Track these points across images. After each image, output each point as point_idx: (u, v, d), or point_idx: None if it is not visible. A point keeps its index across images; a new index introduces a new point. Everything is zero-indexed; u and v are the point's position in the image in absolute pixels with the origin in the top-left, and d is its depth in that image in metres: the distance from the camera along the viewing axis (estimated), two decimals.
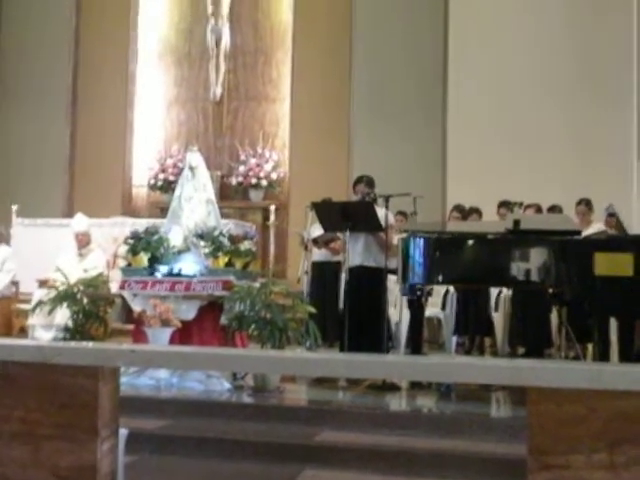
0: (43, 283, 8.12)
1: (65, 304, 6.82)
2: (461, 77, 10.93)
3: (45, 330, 7.96)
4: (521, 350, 8.26)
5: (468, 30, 10.97)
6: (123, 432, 3.88)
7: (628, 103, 10.50)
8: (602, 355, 5.68)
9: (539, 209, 8.20)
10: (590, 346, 7.28)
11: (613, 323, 5.87)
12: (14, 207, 10.20)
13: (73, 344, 4.80)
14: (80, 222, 8.64)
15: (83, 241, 8.54)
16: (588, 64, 10.60)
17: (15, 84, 12.56)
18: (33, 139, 12.39)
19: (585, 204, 8.27)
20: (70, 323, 6.78)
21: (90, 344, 4.62)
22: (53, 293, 6.90)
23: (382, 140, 11.25)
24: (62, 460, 3.35)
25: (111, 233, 9.21)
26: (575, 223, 6.95)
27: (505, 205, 8.14)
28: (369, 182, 7.17)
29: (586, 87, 10.58)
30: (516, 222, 5.98)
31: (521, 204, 7.17)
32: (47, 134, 12.42)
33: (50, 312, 7.02)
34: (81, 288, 6.86)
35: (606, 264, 5.50)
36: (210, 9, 12.54)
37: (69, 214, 10.60)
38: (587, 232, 7.18)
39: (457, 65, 11.01)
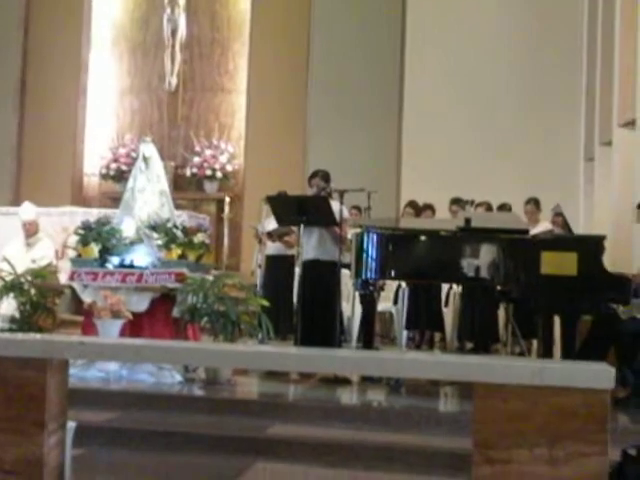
0: None
1: (12, 294, 6.73)
2: (417, 74, 11.05)
3: None
4: (469, 345, 8.39)
5: (425, 26, 11.08)
6: (71, 425, 3.87)
7: (576, 104, 10.71)
8: (546, 352, 5.81)
9: (489, 207, 8.32)
10: (535, 342, 7.44)
11: (557, 321, 5.99)
12: None
13: (20, 336, 4.76)
14: (28, 211, 8.50)
15: (31, 230, 8.40)
16: (538, 64, 10.78)
17: None
18: None
19: (534, 203, 8.42)
20: (17, 314, 6.70)
21: (38, 336, 4.58)
22: None
23: (338, 135, 11.30)
24: (8, 453, 3.33)
25: (60, 222, 9.09)
26: (524, 222, 7.08)
27: (457, 202, 8.25)
28: (324, 176, 7.20)
29: (535, 88, 10.77)
30: (467, 220, 6.07)
31: (472, 202, 7.28)
32: None
33: None
34: (29, 278, 6.77)
35: (552, 263, 5.62)
36: None
37: (16, 203, 10.43)
38: (535, 231, 7.30)
39: (413, 62, 11.12)
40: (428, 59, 10.99)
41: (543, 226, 7.96)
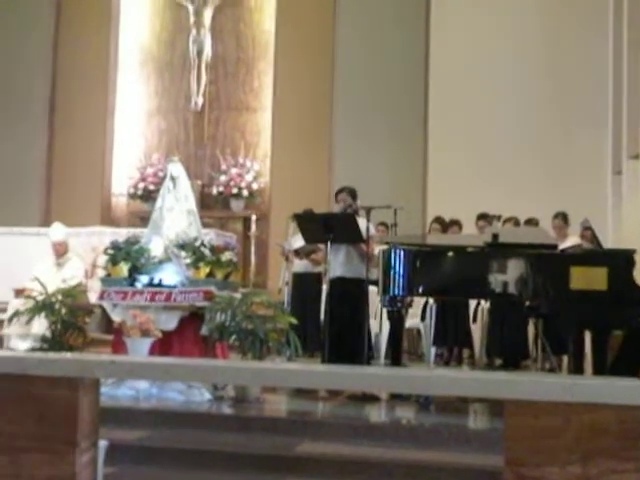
0: (20, 292, 8.06)
1: (43, 314, 6.79)
2: (443, 90, 11.05)
3: (21, 340, 7.90)
4: (498, 361, 8.33)
5: (449, 44, 11.09)
6: (103, 444, 3.89)
7: (603, 119, 10.65)
8: (577, 367, 5.74)
9: (517, 222, 8.28)
10: (565, 358, 7.36)
11: (588, 336, 5.93)
12: None
13: (52, 355, 4.80)
14: (57, 231, 8.59)
15: (60, 250, 8.49)
16: (564, 80, 10.75)
17: None
18: (10, 148, 12.33)
19: (561, 218, 8.36)
20: (48, 333, 6.75)
21: (69, 355, 4.62)
22: (30, 303, 6.87)
23: (363, 151, 11.32)
24: (40, 472, 3.35)
25: (89, 242, 9.17)
26: (552, 237, 7.03)
27: (484, 218, 8.22)
28: (351, 192, 7.22)
29: (562, 103, 10.73)
30: (495, 235, 6.05)
31: (499, 217, 7.25)
32: (25, 143, 12.37)
33: (28, 322, 6.99)
34: (59, 298, 6.83)
35: (581, 278, 5.57)
36: (192, 19, 12.59)
37: (46, 223, 10.55)
38: (563, 246, 7.25)
39: (438, 78, 11.13)
40: (454, 75, 10.99)
41: (572, 241, 7.90)
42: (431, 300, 8.24)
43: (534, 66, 10.87)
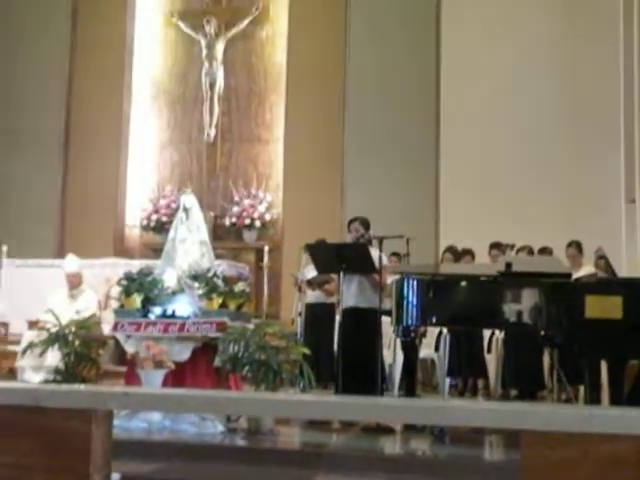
0: (33, 324, 8.09)
1: (56, 345, 6.80)
2: (453, 121, 11.09)
3: (35, 372, 7.90)
4: (514, 392, 8.26)
5: (461, 79, 11.14)
6: (115, 477, 3.87)
7: (615, 147, 10.64)
8: (593, 398, 5.68)
9: (531, 251, 8.25)
10: (582, 388, 7.29)
11: (604, 366, 5.88)
12: (4, 248, 10.16)
13: (64, 387, 4.79)
14: (71, 263, 8.63)
15: (74, 282, 8.53)
16: (576, 109, 10.77)
17: (7, 125, 12.63)
18: (25, 180, 12.43)
19: (575, 246, 8.33)
20: (61, 365, 6.75)
21: (82, 387, 4.61)
22: (44, 334, 6.87)
23: (375, 182, 11.34)
24: None
25: (103, 274, 9.20)
26: (566, 266, 7.00)
27: (497, 247, 8.20)
28: (364, 222, 7.23)
29: (575, 132, 10.76)
30: (508, 264, 6.01)
31: (513, 246, 7.22)
32: (39, 175, 12.47)
33: (41, 354, 6.99)
34: (73, 329, 6.84)
35: (596, 307, 5.53)
36: (204, 53, 12.71)
37: (61, 255, 10.60)
38: (578, 274, 7.22)
39: (449, 108, 11.16)
40: (466, 106, 11.03)
41: (586, 269, 7.87)
42: (445, 330, 8.20)
43: (546, 94, 10.90)
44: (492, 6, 11.20)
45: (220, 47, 12.71)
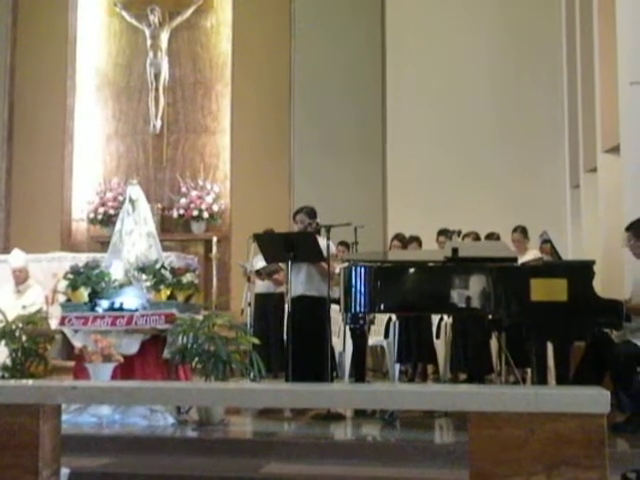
0: None
1: (3, 342, 6.69)
2: (399, 109, 11.16)
3: None
4: (463, 376, 8.36)
5: (406, 62, 11.21)
6: (65, 472, 3.83)
7: (559, 132, 10.82)
8: (540, 379, 5.78)
9: (477, 237, 8.34)
10: (529, 371, 7.42)
11: (550, 348, 5.98)
12: None
13: (12, 382, 4.73)
14: (17, 258, 8.51)
15: (20, 277, 8.41)
16: (519, 93, 10.93)
17: None
18: None
19: (520, 231, 8.45)
20: (8, 361, 6.65)
21: (30, 382, 4.56)
22: None
23: (323, 171, 11.37)
24: None
25: (50, 268, 9.08)
26: (512, 250, 7.09)
27: (444, 233, 8.27)
28: (309, 212, 7.23)
29: (518, 117, 10.91)
30: (454, 250, 6.07)
31: (459, 232, 7.29)
32: None
33: None
34: (20, 325, 6.74)
35: (541, 290, 5.62)
36: (149, 43, 12.57)
37: (6, 250, 10.43)
38: (524, 259, 7.32)
39: (395, 97, 11.23)
40: (410, 95, 11.10)
41: (532, 254, 7.98)
42: (394, 317, 8.26)
43: (490, 82, 11.04)
44: (436, 11, 11.26)
45: (165, 37, 12.59)
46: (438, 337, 8.51)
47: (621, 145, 7.85)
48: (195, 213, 12.07)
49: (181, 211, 12.18)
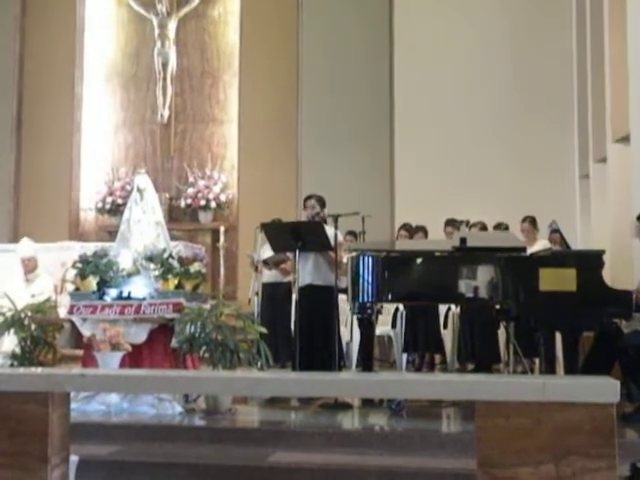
0: None
1: (12, 330, 6.71)
2: (407, 101, 11.12)
3: None
4: (470, 366, 8.36)
5: (413, 51, 11.17)
6: (74, 459, 3.85)
7: (570, 123, 10.78)
8: (548, 369, 5.77)
9: (484, 227, 8.32)
10: (537, 361, 7.41)
11: (559, 338, 5.98)
12: None
13: (21, 370, 4.74)
14: (26, 247, 8.53)
15: (29, 266, 8.43)
16: (529, 88, 10.88)
17: None
18: None
19: (529, 221, 8.43)
20: (18, 350, 6.67)
21: (39, 370, 4.57)
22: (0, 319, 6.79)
23: (331, 161, 11.34)
24: None
25: (59, 258, 9.08)
26: (520, 240, 7.08)
27: (451, 223, 8.26)
28: (320, 200, 7.24)
29: (527, 107, 10.85)
30: (462, 240, 6.05)
31: (467, 222, 7.28)
32: None
33: None
34: (29, 314, 6.75)
35: (550, 280, 5.61)
36: (157, 32, 12.54)
37: (15, 239, 10.44)
38: (533, 249, 7.30)
39: (403, 86, 11.20)
40: (419, 83, 11.06)
41: (541, 244, 7.96)
42: (401, 306, 8.26)
43: (500, 72, 10.98)
44: (446, 7, 11.21)
45: (172, 26, 12.56)
46: (445, 327, 8.51)
47: (631, 135, 7.82)
48: (202, 203, 12.07)
49: (189, 201, 12.18)
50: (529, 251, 6.63)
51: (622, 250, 7.83)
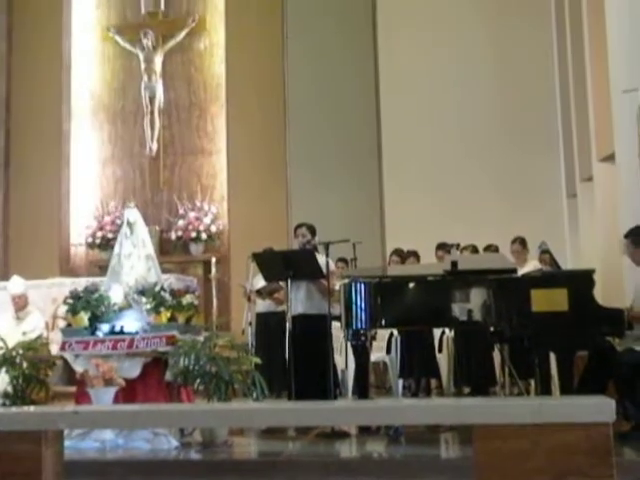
0: None
1: (4, 369, 6.66)
2: (395, 128, 11.20)
3: None
4: (466, 390, 8.33)
5: (399, 76, 11.28)
6: None
7: (555, 143, 10.85)
8: (544, 390, 5.76)
9: (475, 249, 8.34)
10: (533, 382, 7.39)
11: (554, 358, 5.97)
12: None
13: (13, 409, 4.70)
14: (16, 285, 8.49)
15: (20, 304, 8.39)
16: (514, 108, 10.95)
17: None
18: None
19: (520, 242, 8.45)
20: (10, 389, 6.62)
21: (31, 408, 4.53)
22: None
23: (320, 189, 11.39)
24: None
25: (49, 294, 9.05)
26: (511, 261, 7.08)
27: (442, 247, 8.27)
28: (310, 228, 7.24)
29: (514, 130, 10.96)
30: (454, 263, 6.07)
31: (458, 245, 7.29)
32: None
33: None
34: (20, 352, 6.71)
35: (542, 300, 5.61)
36: (143, 66, 12.61)
37: (5, 277, 10.39)
38: (523, 270, 7.31)
39: (390, 111, 11.27)
40: (406, 110, 11.14)
41: (532, 265, 7.97)
42: (395, 332, 8.23)
43: (484, 95, 11.08)
44: (427, 10, 11.33)
45: (158, 60, 12.63)
46: (440, 351, 8.48)
47: (616, 153, 7.86)
48: (193, 235, 12.07)
49: (179, 233, 12.17)
50: (520, 272, 6.64)
51: (612, 268, 7.84)
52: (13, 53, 12.76)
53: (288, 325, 6.92)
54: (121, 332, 6.43)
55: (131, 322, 6.48)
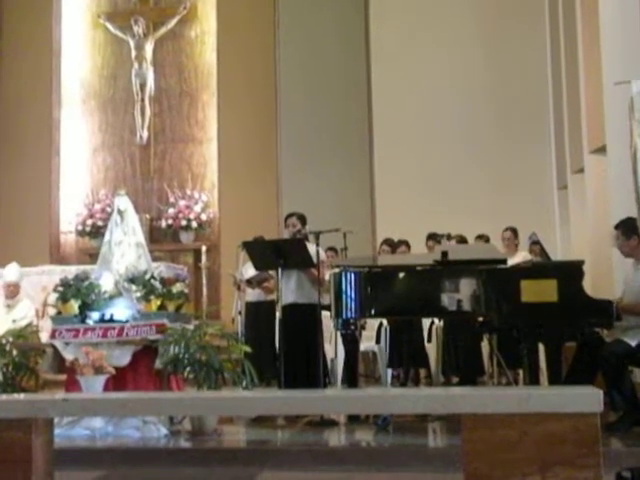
0: None
1: None
2: (385, 117, 11.18)
3: None
4: (455, 379, 8.36)
5: (390, 70, 11.25)
6: None
7: (546, 135, 10.87)
8: (532, 380, 5.79)
9: (463, 240, 8.34)
10: (521, 372, 7.43)
11: (542, 349, 6.00)
12: None
13: (3, 397, 4.70)
14: (13, 272, 8.44)
15: (14, 292, 8.35)
16: (506, 99, 10.96)
17: None
18: None
19: (511, 230, 8.49)
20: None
21: (21, 396, 4.53)
22: None
23: (310, 178, 11.38)
24: None
25: (40, 282, 9.01)
26: (501, 252, 7.11)
27: (433, 238, 8.28)
28: (301, 217, 7.24)
29: (505, 121, 10.96)
30: (444, 253, 6.08)
31: (448, 236, 7.30)
32: None
33: None
34: (10, 339, 6.70)
35: (532, 291, 5.63)
36: (134, 54, 12.56)
37: None
38: (513, 261, 7.32)
39: (382, 106, 11.26)
40: (396, 98, 11.13)
41: (521, 256, 8.00)
42: (385, 322, 8.25)
43: (476, 86, 11.08)
44: (420, 0, 11.32)
45: (149, 47, 12.58)
46: (429, 341, 8.51)
47: (607, 145, 7.89)
48: (184, 223, 12.06)
49: (169, 221, 12.16)
50: (510, 263, 6.65)
51: (602, 259, 7.88)
52: (3, 40, 12.68)
53: (278, 314, 6.93)
54: (111, 320, 6.43)
55: (121, 310, 6.48)
